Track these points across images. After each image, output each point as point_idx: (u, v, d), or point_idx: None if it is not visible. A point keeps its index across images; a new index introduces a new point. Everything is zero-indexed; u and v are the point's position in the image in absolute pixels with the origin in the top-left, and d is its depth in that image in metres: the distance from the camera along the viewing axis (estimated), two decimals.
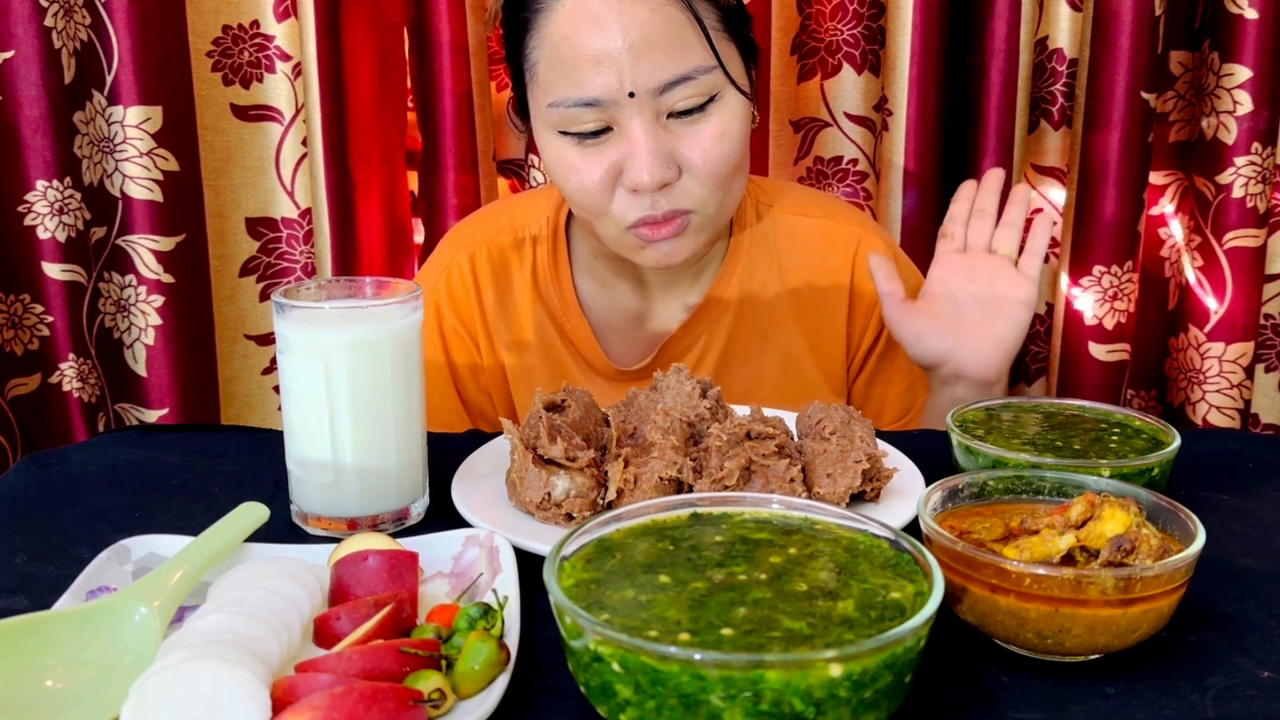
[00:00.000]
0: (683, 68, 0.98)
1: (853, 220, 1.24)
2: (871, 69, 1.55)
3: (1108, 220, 1.60)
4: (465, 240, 1.22)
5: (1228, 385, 1.65)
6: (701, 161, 1.01)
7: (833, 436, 0.84)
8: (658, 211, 1.02)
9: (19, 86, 1.34)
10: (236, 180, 1.50)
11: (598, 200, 1.03)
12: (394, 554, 0.69)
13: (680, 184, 1.02)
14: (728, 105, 1.01)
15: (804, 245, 1.20)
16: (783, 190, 1.26)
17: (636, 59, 0.96)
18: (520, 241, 1.20)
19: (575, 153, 1.02)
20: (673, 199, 1.02)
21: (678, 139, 1.00)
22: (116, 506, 0.86)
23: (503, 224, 1.22)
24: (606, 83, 0.97)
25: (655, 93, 0.97)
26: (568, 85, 0.99)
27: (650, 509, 0.67)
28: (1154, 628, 0.63)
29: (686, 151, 1.00)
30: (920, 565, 0.60)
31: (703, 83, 0.99)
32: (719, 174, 1.02)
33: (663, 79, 0.97)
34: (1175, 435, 0.83)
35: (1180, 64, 1.64)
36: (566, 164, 1.03)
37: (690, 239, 1.06)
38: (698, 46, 0.98)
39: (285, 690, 0.55)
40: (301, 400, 0.81)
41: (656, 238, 1.04)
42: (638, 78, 0.97)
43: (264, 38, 1.45)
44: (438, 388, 1.21)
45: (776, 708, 0.50)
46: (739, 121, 1.02)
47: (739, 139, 1.02)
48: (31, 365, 1.43)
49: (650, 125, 0.99)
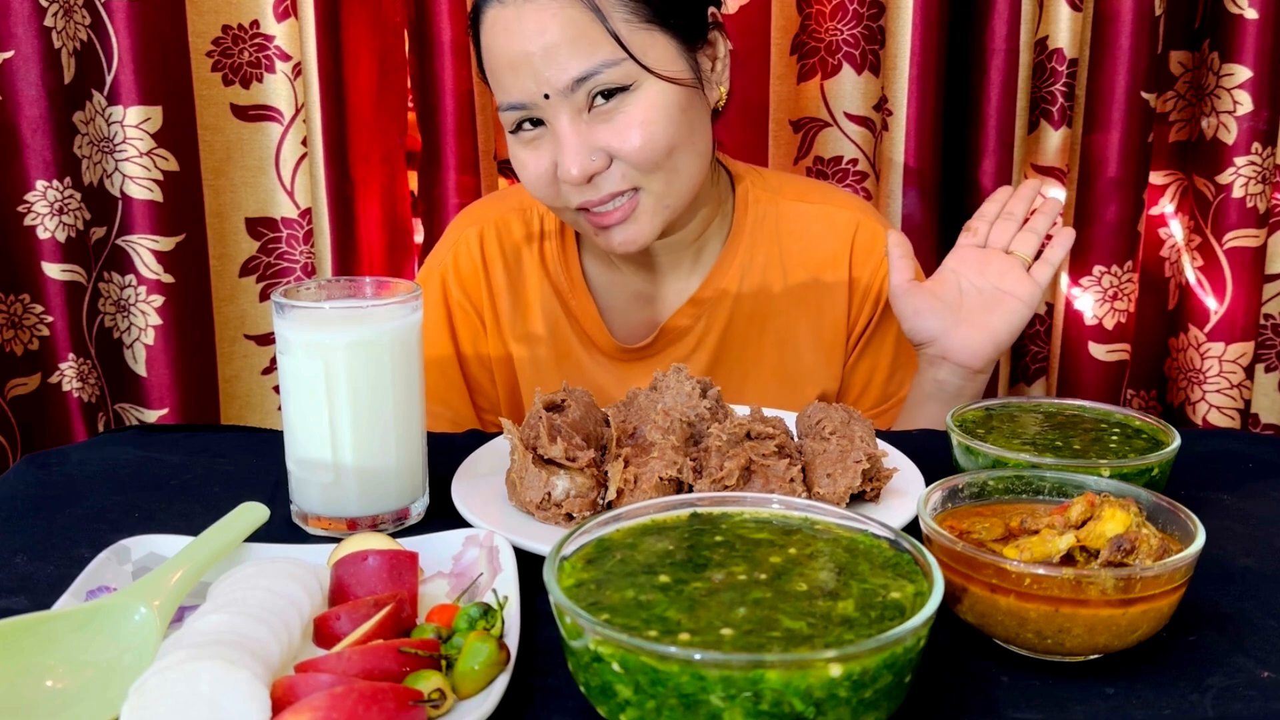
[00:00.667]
0: (588, 64, 1.01)
1: (852, 205, 1.25)
2: (871, 69, 1.55)
3: (1108, 220, 1.60)
4: (475, 217, 1.25)
5: (1228, 385, 1.65)
6: (627, 149, 1.03)
7: (833, 436, 0.84)
8: (595, 197, 1.05)
9: (19, 86, 1.34)
10: (236, 180, 1.50)
11: (546, 191, 1.08)
12: (394, 554, 0.69)
13: (613, 169, 1.05)
14: (646, 93, 1.04)
15: (804, 231, 1.22)
16: (784, 178, 1.28)
17: (546, 61, 1.01)
18: (529, 220, 1.24)
19: (522, 150, 1.08)
20: (609, 182, 1.05)
21: (600, 130, 1.03)
22: (116, 506, 0.86)
23: (512, 203, 1.25)
24: (524, 86, 1.03)
25: (568, 90, 1.01)
26: (499, 90, 1.06)
27: (650, 509, 0.67)
28: (1154, 628, 0.63)
29: (611, 141, 1.03)
30: (920, 565, 0.60)
31: (613, 73, 1.02)
32: (648, 158, 1.04)
33: (571, 76, 1.01)
34: (1175, 435, 0.83)
35: (1180, 64, 1.64)
36: (518, 160, 1.09)
37: (645, 221, 1.08)
38: (603, 42, 1.01)
39: (285, 690, 0.55)
40: (301, 400, 0.81)
41: (605, 224, 1.07)
42: (549, 78, 1.01)
43: (264, 38, 1.45)
44: (439, 365, 1.22)
45: (776, 708, 0.50)
46: (661, 108, 1.04)
47: (665, 123, 1.04)
48: (31, 365, 1.43)
49: (572, 121, 1.03)
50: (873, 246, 1.22)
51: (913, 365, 1.24)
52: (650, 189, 1.07)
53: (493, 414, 1.25)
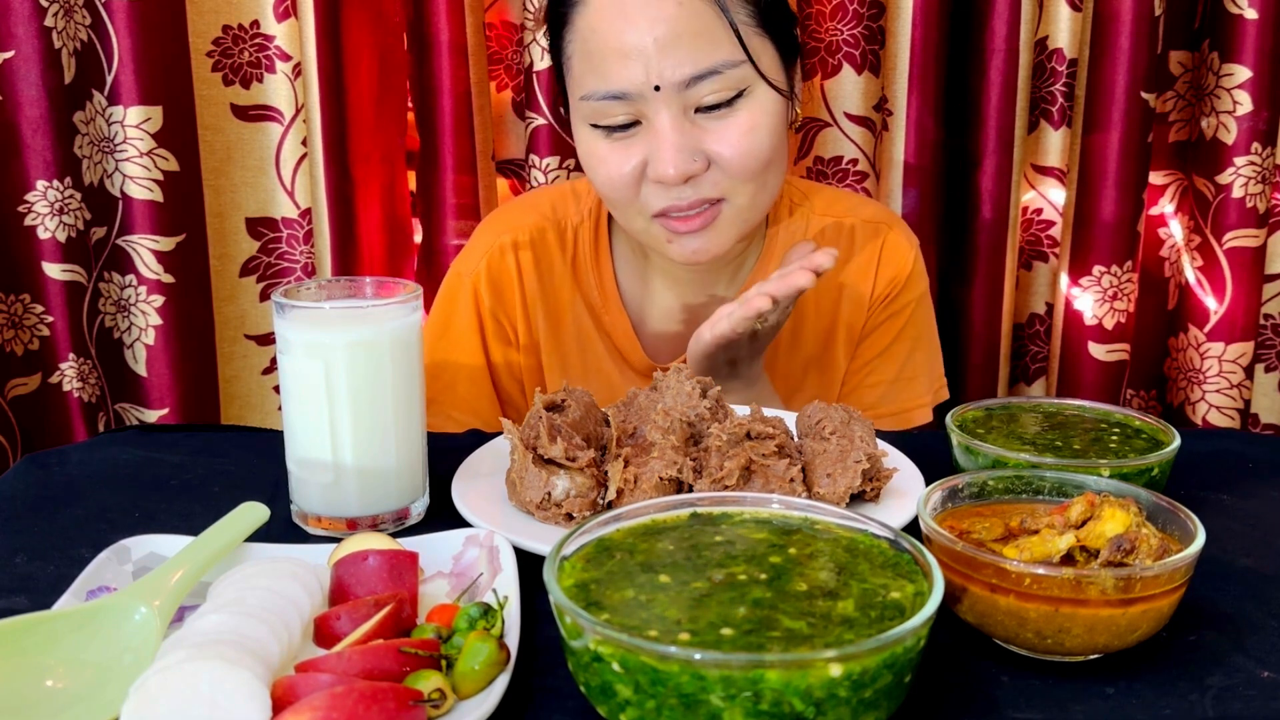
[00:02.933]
0: (709, 61, 0.98)
1: (878, 218, 1.23)
2: (871, 69, 1.56)
3: (1107, 220, 1.60)
4: (508, 225, 1.20)
5: (1227, 385, 1.65)
6: (730, 155, 1.01)
7: (833, 436, 0.84)
8: (683, 201, 1.02)
9: (19, 86, 1.34)
10: (236, 180, 1.50)
11: (624, 192, 1.04)
12: (394, 554, 0.69)
13: (708, 176, 1.02)
14: (757, 100, 1.02)
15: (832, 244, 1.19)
16: (812, 188, 1.26)
17: (662, 53, 0.97)
18: (563, 230, 1.20)
19: (605, 145, 1.03)
20: (700, 189, 1.02)
21: (705, 133, 1.01)
22: (116, 506, 0.86)
23: (546, 211, 1.21)
24: (632, 76, 0.98)
25: (681, 86, 0.98)
26: (596, 78, 1.01)
27: (650, 509, 0.67)
28: (1154, 628, 0.63)
29: (714, 145, 1.01)
30: (920, 565, 0.60)
31: (730, 77, 0.99)
32: (748, 167, 1.02)
33: (688, 73, 0.98)
34: (1175, 435, 0.83)
35: (1180, 64, 1.64)
36: (596, 156, 1.04)
37: (720, 233, 1.06)
38: (725, 41, 0.99)
39: (285, 690, 0.55)
40: (301, 400, 0.81)
41: (684, 230, 1.04)
42: (663, 71, 0.97)
43: (264, 38, 1.45)
44: (470, 372, 1.19)
45: (776, 708, 0.50)
46: (770, 116, 1.02)
47: (769, 133, 1.02)
48: (31, 365, 1.43)
49: (676, 119, 0.99)
50: (893, 260, 1.20)
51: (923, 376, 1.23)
52: (735, 200, 1.04)
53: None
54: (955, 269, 1.67)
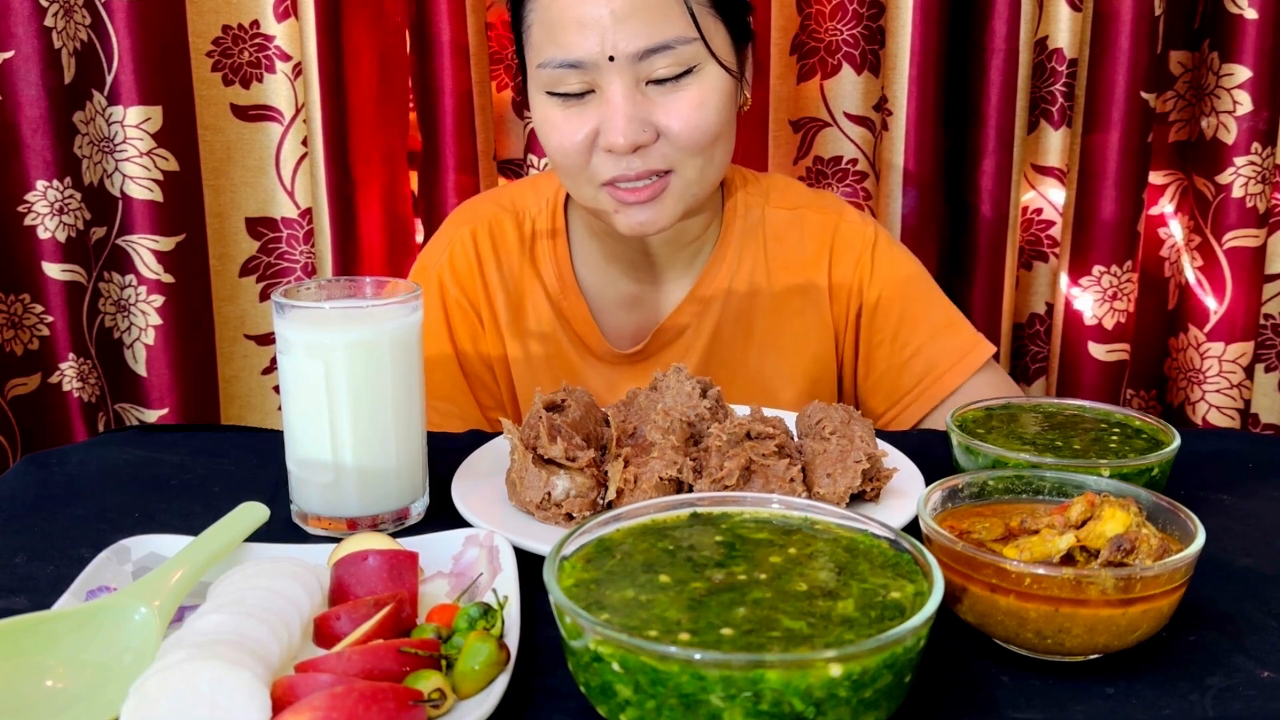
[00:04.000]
0: (662, 36, 1.01)
1: (831, 208, 1.25)
2: (871, 69, 1.55)
3: (1107, 220, 1.60)
4: (468, 217, 1.25)
5: (1227, 385, 1.65)
6: (679, 128, 1.03)
7: (833, 436, 0.84)
8: (631, 171, 1.04)
9: (19, 86, 1.34)
10: (236, 180, 1.50)
11: (575, 159, 1.06)
12: (394, 554, 0.69)
13: (656, 147, 1.04)
14: (707, 77, 1.04)
15: (785, 235, 1.23)
16: (774, 183, 1.28)
17: (618, 24, 1.00)
18: (520, 221, 1.23)
19: (559, 113, 1.06)
20: (648, 159, 1.04)
21: (655, 105, 1.03)
22: (116, 506, 0.86)
23: (505, 203, 1.25)
24: (588, 45, 1.01)
25: (634, 58, 1.01)
26: (554, 47, 1.03)
27: (650, 509, 0.67)
28: (1154, 628, 0.63)
29: (663, 118, 1.03)
30: (920, 565, 0.60)
31: (682, 53, 1.02)
32: (696, 141, 1.05)
33: (641, 45, 1.01)
34: (1175, 435, 0.83)
35: (1180, 64, 1.64)
36: (550, 123, 1.07)
37: (667, 206, 1.08)
38: (679, 18, 1.02)
39: (285, 690, 0.55)
40: (301, 400, 0.81)
41: (632, 200, 1.06)
42: (618, 42, 1.00)
43: (264, 38, 1.45)
44: (440, 363, 1.22)
45: (776, 708, 0.50)
46: (718, 93, 1.05)
47: (717, 110, 1.05)
48: (31, 365, 1.43)
49: (628, 90, 1.02)
50: (851, 245, 1.21)
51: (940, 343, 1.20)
52: (683, 173, 1.07)
53: (497, 411, 1.25)
54: (955, 269, 1.67)
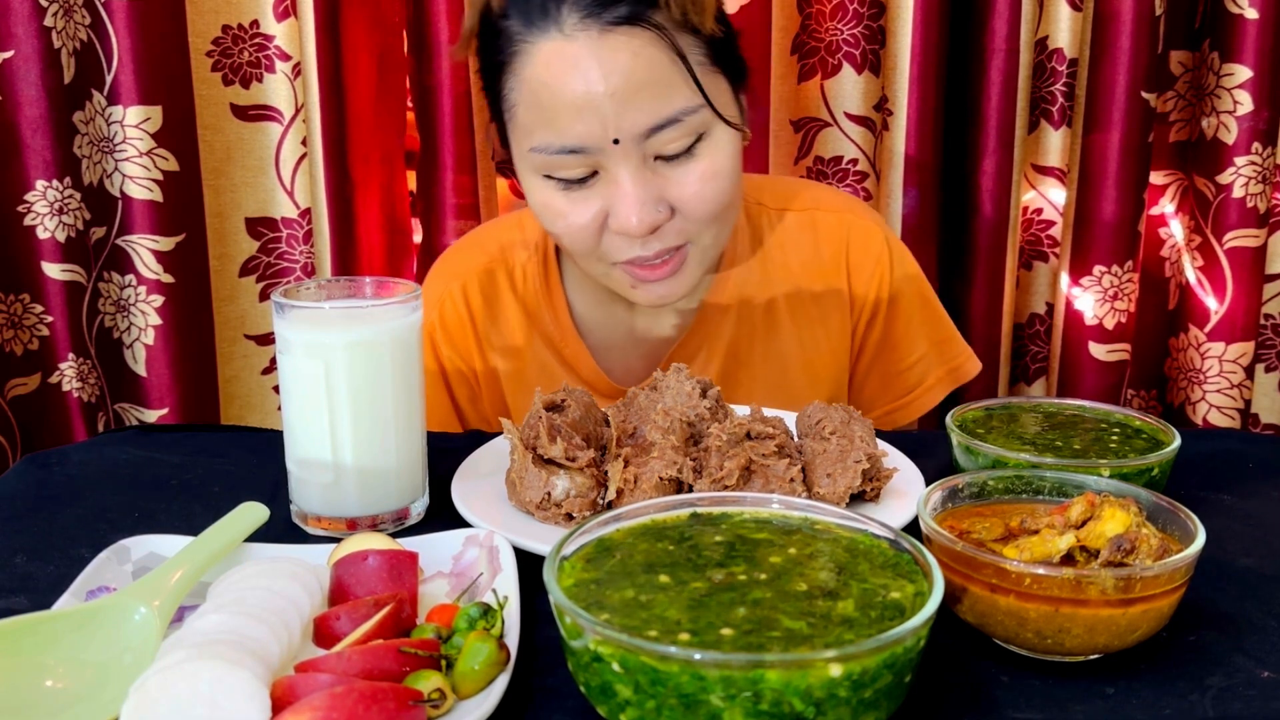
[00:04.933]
0: (668, 110, 0.94)
1: (840, 207, 1.20)
2: (871, 69, 1.55)
3: (1108, 220, 1.60)
4: (454, 270, 1.19)
5: (1228, 385, 1.65)
6: (694, 203, 0.98)
7: (833, 436, 0.84)
8: (649, 252, 0.99)
9: (19, 86, 1.34)
10: (236, 180, 1.50)
11: (586, 242, 1.00)
12: (394, 554, 0.69)
13: (671, 224, 0.99)
14: (717, 142, 0.98)
15: (796, 241, 1.18)
16: (769, 185, 1.23)
17: (620, 105, 0.93)
18: (510, 267, 1.17)
19: (561, 198, 0.99)
20: (665, 239, 0.99)
21: (666, 181, 0.97)
22: (116, 506, 0.86)
23: (491, 249, 1.18)
24: (589, 129, 0.94)
25: (641, 138, 0.94)
26: (549, 132, 0.96)
27: (650, 509, 0.67)
28: (1154, 628, 0.63)
29: (676, 193, 0.98)
30: (920, 565, 0.60)
31: (690, 123, 0.95)
32: (712, 212, 0.99)
33: (648, 124, 0.94)
34: (1175, 435, 0.83)
35: (1180, 64, 1.64)
36: (553, 209, 1.00)
37: (686, 276, 1.03)
38: (683, 86, 0.95)
39: (285, 690, 0.55)
40: (301, 400, 0.81)
41: (651, 278, 1.02)
42: (622, 124, 0.93)
43: (264, 38, 1.45)
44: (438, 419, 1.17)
45: (776, 708, 0.50)
46: (730, 158, 0.99)
47: (731, 175, 1.00)
48: (31, 365, 1.43)
49: (637, 170, 0.95)
50: (868, 249, 1.17)
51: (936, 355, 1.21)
52: (700, 243, 1.02)
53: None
54: (955, 269, 1.67)
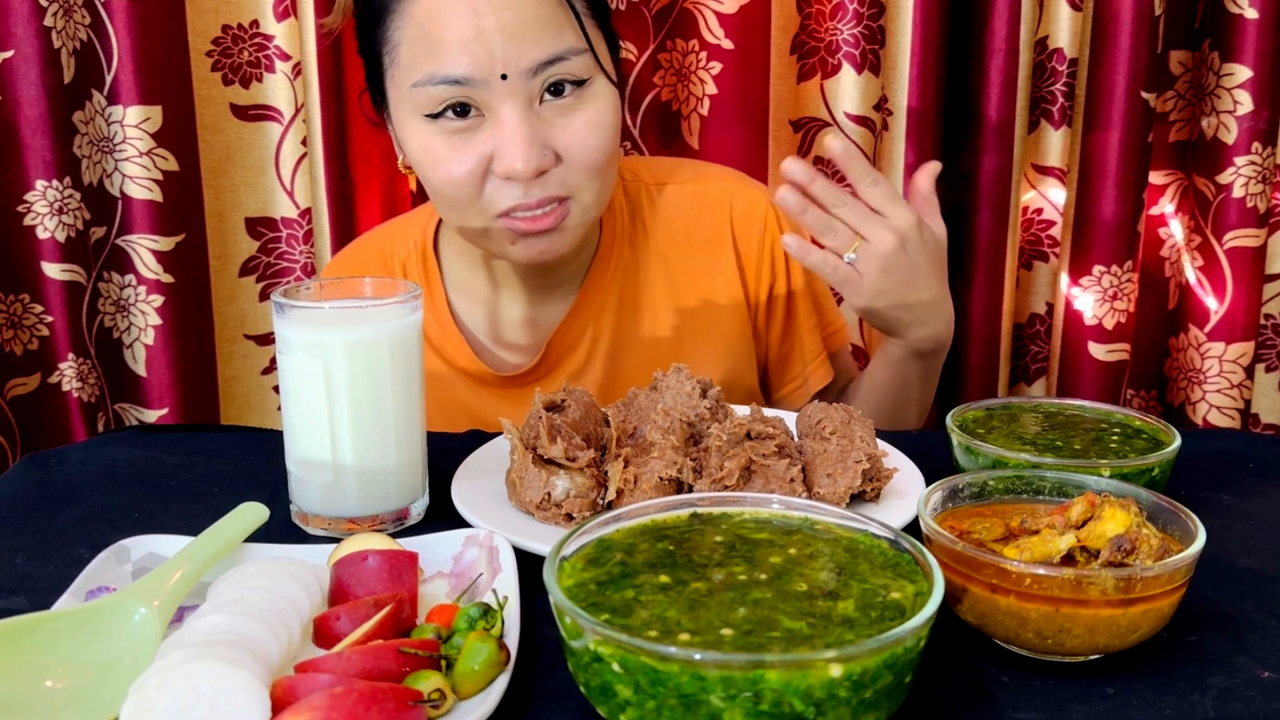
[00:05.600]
0: (555, 48, 0.96)
1: (722, 176, 1.22)
2: (871, 69, 1.55)
3: (1108, 220, 1.60)
4: (333, 276, 1.22)
5: (1228, 385, 1.65)
6: (579, 149, 0.98)
7: (833, 436, 0.84)
8: (531, 199, 0.99)
9: (19, 86, 1.34)
10: (236, 180, 1.50)
11: (466, 190, 0.99)
12: (394, 554, 0.69)
13: (555, 172, 0.99)
14: (600, 93, 1.00)
15: (676, 215, 1.19)
16: (643, 163, 1.24)
17: (509, 39, 0.94)
18: (390, 269, 1.19)
19: (442, 142, 0.98)
20: (548, 187, 0.99)
21: (551, 127, 0.98)
22: (116, 506, 0.86)
23: (372, 253, 1.21)
24: (476, 60, 0.94)
25: (528, 74, 0.95)
26: (434, 61, 0.96)
27: (650, 509, 0.67)
28: (1154, 628, 0.63)
29: (561, 139, 0.98)
30: (920, 565, 0.60)
31: (574, 64, 0.97)
32: (595, 162, 1.00)
33: (536, 59, 0.95)
34: (1175, 435, 0.83)
35: (1180, 64, 1.64)
36: (433, 154, 0.99)
37: (568, 232, 1.03)
38: (569, 29, 0.97)
39: (285, 690, 0.55)
40: (301, 400, 0.81)
41: (533, 230, 1.00)
42: (509, 58, 0.94)
43: (264, 37, 1.45)
44: None
45: (776, 708, 0.50)
46: (612, 110, 1.01)
47: (613, 128, 1.01)
48: (31, 365, 1.43)
49: (524, 110, 0.96)
50: (752, 212, 1.19)
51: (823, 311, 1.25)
52: (581, 199, 1.02)
53: None
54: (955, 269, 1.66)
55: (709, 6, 1.51)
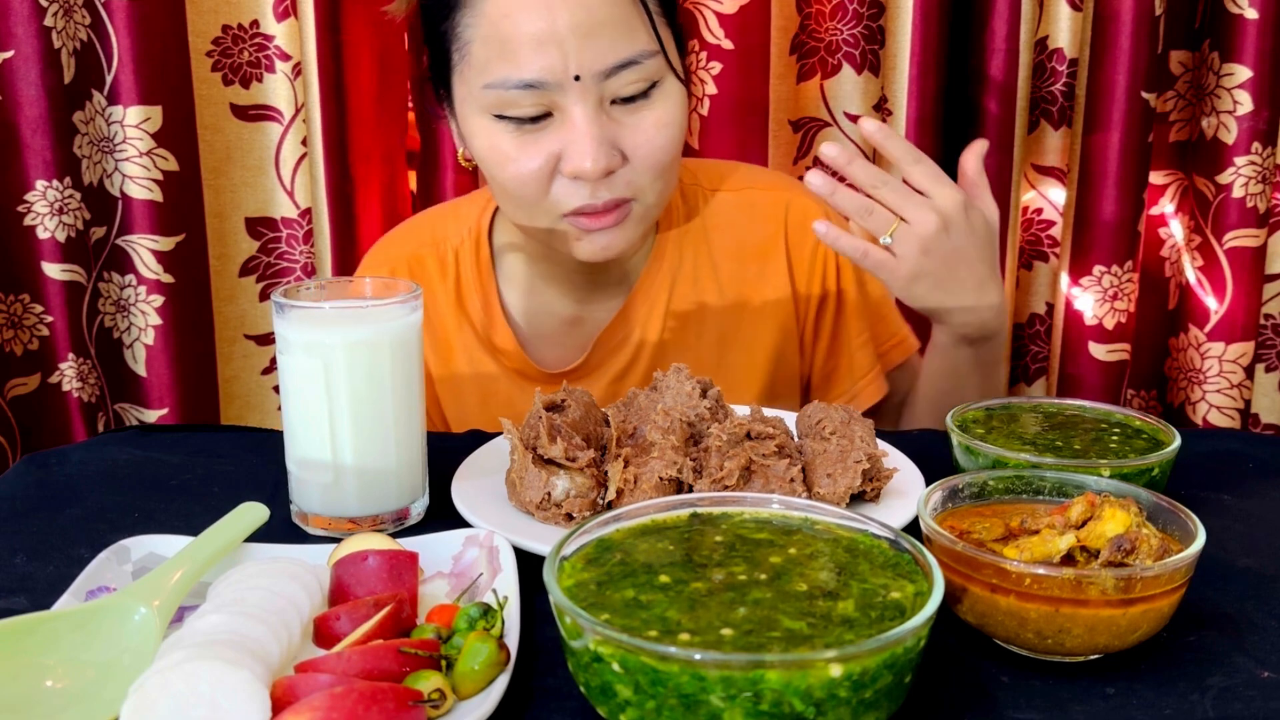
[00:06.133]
0: (629, 51, 0.96)
1: (778, 185, 1.22)
2: (871, 69, 1.55)
3: (1108, 220, 1.60)
4: (386, 256, 1.20)
5: (1228, 385, 1.65)
6: (646, 150, 0.99)
7: (833, 436, 0.84)
8: (598, 200, 0.99)
9: (19, 86, 1.34)
10: (236, 180, 1.50)
11: (533, 189, 1.00)
12: (394, 554, 0.69)
13: (621, 172, 0.99)
14: (669, 93, 1.00)
15: (731, 222, 1.18)
16: (703, 166, 1.24)
17: (582, 41, 0.94)
18: (442, 255, 1.18)
19: (511, 140, 0.99)
20: (614, 188, 0.99)
21: (620, 126, 0.98)
22: (116, 506, 0.86)
23: (424, 237, 1.19)
24: (550, 63, 0.94)
25: (600, 76, 0.95)
26: (507, 65, 0.95)
27: (650, 509, 0.67)
28: (1154, 628, 0.63)
29: (630, 139, 0.98)
30: (920, 565, 0.60)
31: (647, 68, 0.97)
32: (661, 162, 1.00)
33: (609, 62, 0.95)
34: (1175, 435, 0.83)
35: (1180, 64, 1.64)
36: (501, 152, 0.99)
37: (629, 229, 1.03)
38: (641, 31, 0.96)
39: (285, 690, 0.55)
40: (301, 400, 0.81)
41: (595, 227, 1.01)
42: (583, 60, 0.94)
43: (264, 37, 1.45)
44: None
45: (776, 708, 0.50)
46: (680, 110, 1.01)
47: (681, 127, 1.01)
48: (31, 365, 1.43)
49: (594, 111, 0.96)
50: (806, 223, 1.16)
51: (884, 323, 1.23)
52: (644, 199, 1.02)
53: None
54: None
55: (709, 6, 1.51)
